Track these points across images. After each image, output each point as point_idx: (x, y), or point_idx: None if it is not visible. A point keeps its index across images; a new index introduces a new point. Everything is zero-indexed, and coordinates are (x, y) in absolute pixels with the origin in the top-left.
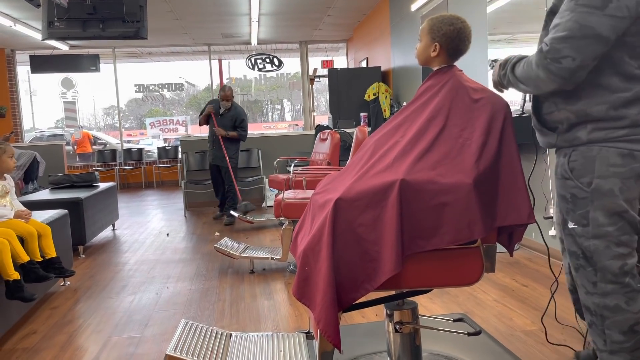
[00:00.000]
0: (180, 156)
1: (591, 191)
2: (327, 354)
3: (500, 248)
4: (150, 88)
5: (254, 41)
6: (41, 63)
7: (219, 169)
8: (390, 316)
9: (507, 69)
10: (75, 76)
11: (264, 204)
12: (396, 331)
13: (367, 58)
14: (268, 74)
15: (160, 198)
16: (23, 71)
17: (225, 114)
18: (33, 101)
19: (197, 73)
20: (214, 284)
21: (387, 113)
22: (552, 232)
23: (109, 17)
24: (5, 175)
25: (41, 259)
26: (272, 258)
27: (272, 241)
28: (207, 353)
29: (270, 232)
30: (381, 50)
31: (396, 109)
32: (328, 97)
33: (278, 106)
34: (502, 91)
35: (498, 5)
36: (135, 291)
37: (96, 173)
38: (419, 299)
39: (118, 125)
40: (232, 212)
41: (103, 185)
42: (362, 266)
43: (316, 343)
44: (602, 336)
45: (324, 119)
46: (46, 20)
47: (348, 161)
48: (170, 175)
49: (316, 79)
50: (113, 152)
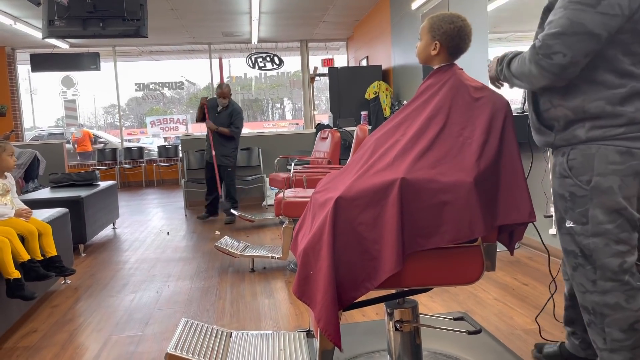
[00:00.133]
0: (180, 155)
1: (590, 189)
2: (328, 353)
3: (500, 247)
4: (150, 87)
5: (255, 40)
6: (41, 62)
7: (213, 167)
8: (390, 315)
9: (504, 65)
10: (75, 75)
11: (265, 203)
12: (396, 330)
13: (368, 56)
14: (268, 73)
15: (160, 197)
16: (23, 70)
17: (222, 112)
18: (33, 100)
19: (198, 72)
20: (215, 283)
21: (388, 112)
22: (553, 231)
23: (109, 16)
24: (5, 173)
25: (42, 258)
26: (273, 257)
27: (273, 240)
28: (208, 352)
29: (270, 231)
30: (382, 48)
31: (396, 108)
32: (328, 96)
33: (278, 105)
34: (499, 87)
35: (498, 3)
36: (135, 290)
37: (96, 172)
38: (420, 298)
39: (118, 123)
40: (233, 211)
41: (103, 184)
42: (363, 265)
43: (316, 341)
44: (602, 334)
45: (325, 118)
46: (46, 18)
47: (348, 160)
48: (170, 173)
49: (316, 78)
50: (113, 151)
